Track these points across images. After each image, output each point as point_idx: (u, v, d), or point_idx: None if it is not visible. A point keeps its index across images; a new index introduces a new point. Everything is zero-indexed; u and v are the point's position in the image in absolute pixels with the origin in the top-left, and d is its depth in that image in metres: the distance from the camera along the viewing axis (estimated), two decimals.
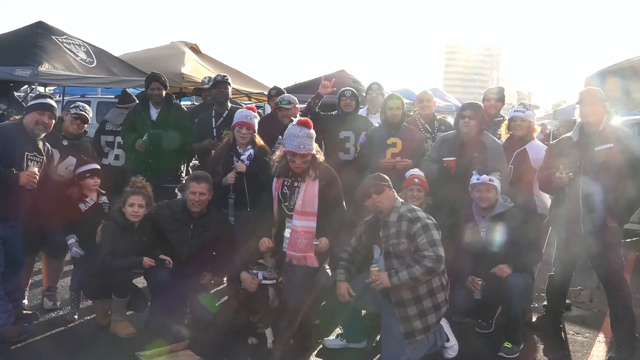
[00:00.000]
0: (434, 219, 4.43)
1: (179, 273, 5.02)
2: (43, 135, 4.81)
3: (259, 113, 6.51)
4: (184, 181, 6.55)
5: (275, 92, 7.01)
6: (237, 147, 5.51)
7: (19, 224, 4.82)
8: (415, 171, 5.25)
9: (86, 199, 5.26)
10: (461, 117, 5.31)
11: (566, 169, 4.72)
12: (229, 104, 6.58)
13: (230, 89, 6.61)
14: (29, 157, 4.66)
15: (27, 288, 5.51)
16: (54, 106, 4.86)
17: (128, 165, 6.53)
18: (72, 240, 5.18)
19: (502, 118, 6.24)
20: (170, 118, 6.44)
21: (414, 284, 4.22)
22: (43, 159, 4.81)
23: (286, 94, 6.42)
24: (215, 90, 6.57)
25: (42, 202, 4.87)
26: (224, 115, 6.36)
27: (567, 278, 5.26)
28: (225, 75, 6.70)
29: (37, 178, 4.61)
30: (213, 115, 6.43)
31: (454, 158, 5.30)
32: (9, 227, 4.70)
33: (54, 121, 4.85)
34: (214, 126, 6.32)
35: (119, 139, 6.61)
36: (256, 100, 12.45)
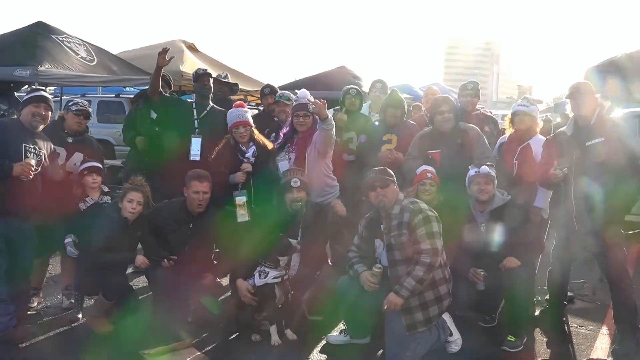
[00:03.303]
0: (435, 212, 4.44)
1: (180, 272, 5.01)
2: (42, 127, 4.83)
3: (258, 110, 6.46)
4: None
5: (269, 90, 7.01)
6: (241, 146, 5.52)
7: (28, 225, 4.81)
8: (428, 166, 5.26)
9: (86, 199, 5.26)
10: (439, 113, 5.41)
11: (560, 165, 4.72)
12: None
13: (211, 84, 6.31)
14: (27, 148, 4.66)
15: (42, 288, 5.59)
16: (48, 97, 4.93)
17: (125, 162, 6.50)
18: (68, 239, 5.21)
19: (477, 111, 6.26)
20: (170, 116, 6.37)
21: (422, 285, 4.21)
22: (43, 153, 4.82)
23: (286, 92, 6.43)
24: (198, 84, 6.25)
25: (47, 200, 4.86)
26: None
27: (566, 273, 5.23)
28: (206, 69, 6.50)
29: (33, 170, 4.59)
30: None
31: (439, 151, 5.38)
32: (13, 227, 4.69)
33: (50, 113, 4.88)
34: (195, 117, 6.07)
35: None
36: (254, 99, 12.42)
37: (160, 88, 5.89)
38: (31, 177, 4.59)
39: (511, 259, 4.68)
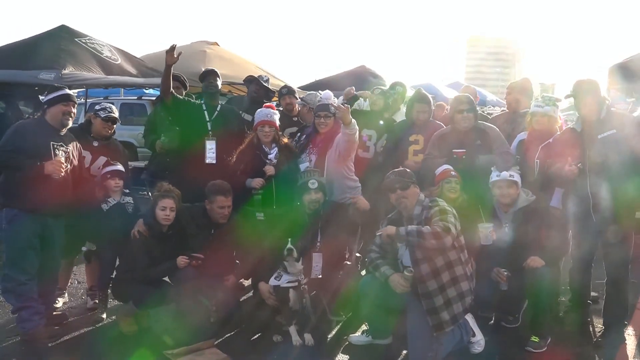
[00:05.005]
0: (454, 210, 4.45)
1: (202, 273, 5.04)
2: (70, 124, 4.90)
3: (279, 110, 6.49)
4: None
5: (287, 90, 7.03)
6: (263, 147, 5.53)
7: (59, 223, 4.89)
8: (449, 165, 5.23)
9: (108, 199, 5.31)
10: (459, 112, 5.41)
11: (574, 161, 4.71)
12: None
13: (219, 82, 6.23)
14: (55, 146, 4.73)
15: (66, 289, 5.70)
16: (73, 95, 5.03)
17: (148, 165, 6.52)
18: (84, 249, 5.44)
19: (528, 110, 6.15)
20: (182, 118, 6.12)
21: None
22: (70, 150, 4.88)
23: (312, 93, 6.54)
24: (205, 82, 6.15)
25: (74, 200, 4.93)
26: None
27: (587, 271, 5.19)
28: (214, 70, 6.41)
29: (63, 167, 4.67)
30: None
31: (464, 150, 5.34)
32: (47, 226, 4.77)
33: (75, 109, 4.99)
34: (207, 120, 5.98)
35: None
36: (276, 99, 12.43)
37: (172, 89, 5.78)
38: (62, 174, 4.67)
39: (535, 258, 4.65)
